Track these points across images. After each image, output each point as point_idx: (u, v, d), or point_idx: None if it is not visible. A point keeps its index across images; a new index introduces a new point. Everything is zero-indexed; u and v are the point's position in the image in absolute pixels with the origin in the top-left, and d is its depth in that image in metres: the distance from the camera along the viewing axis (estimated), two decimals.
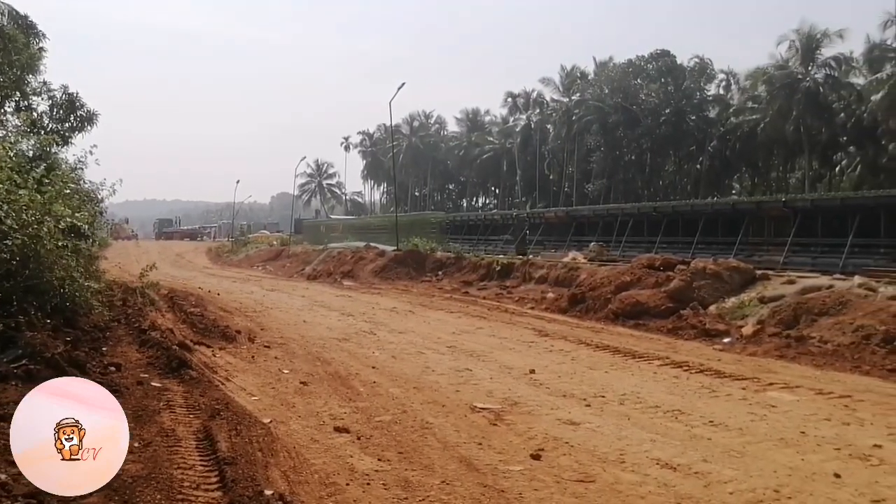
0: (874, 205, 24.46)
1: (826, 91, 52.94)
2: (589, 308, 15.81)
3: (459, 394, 7.89)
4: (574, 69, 74.92)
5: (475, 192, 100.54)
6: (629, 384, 8.58)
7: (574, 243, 35.79)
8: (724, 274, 14.79)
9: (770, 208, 30.40)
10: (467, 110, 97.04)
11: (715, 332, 12.52)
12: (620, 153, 68.45)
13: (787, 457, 5.72)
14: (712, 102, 68.32)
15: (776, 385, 8.55)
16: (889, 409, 7.35)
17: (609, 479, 5.16)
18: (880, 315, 10.86)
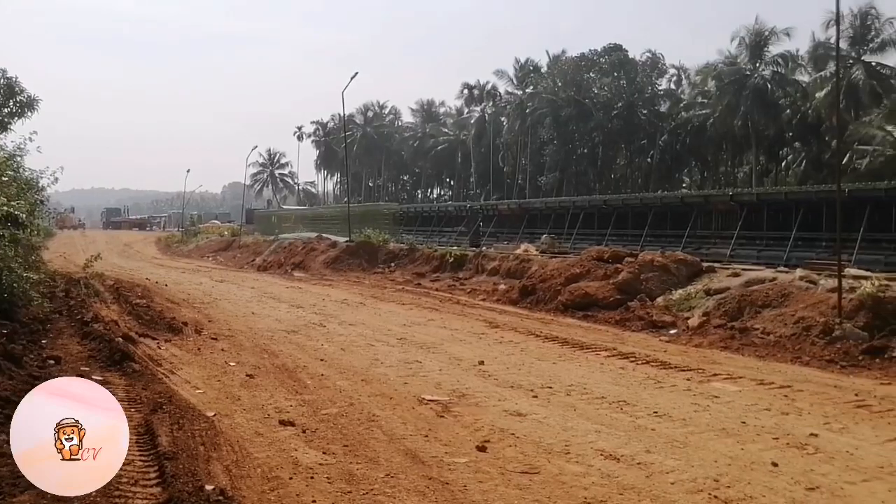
0: (816, 199, 25.12)
1: (773, 88, 54.08)
2: (539, 300, 15.91)
3: (408, 386, 7.87)
4: (528, 62, 75.32)
5: (429, 183, 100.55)
6: (576, 375, 8.66)
7: (526, 235, 36.05)
8: (672, 266, 15.02)
9: (717, 202, 31.00)
10: (422, 101, 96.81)
11: (661, 323, 12.71)
12: (573, 146, 69.03)
13: (728, 446, 5.83)
14: (663, 97, 69.37)
15: (720, 376, 8.70)
16: (826, 398, 7.54)
17: (553, 471, 5.19)
18: (820, 307, 11.14)
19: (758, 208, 28.73)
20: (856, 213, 22.91)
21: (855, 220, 22.59)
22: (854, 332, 10.21)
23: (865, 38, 48.68)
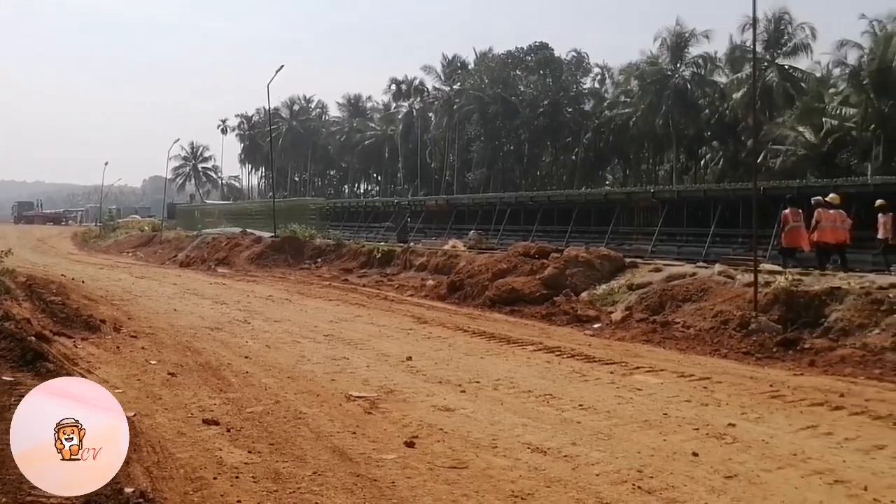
0: (733, 197, 25.97)
1: (693, 88, 55.74)
2: (467, 295, 15.99)
3: (335, 383, 7.79)
4: (455, 58, 75.56)
5: (357, 178, 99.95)
6: (503, 369, 8.73)
7: (454, 231, 36.20)
8: (596, 262, 15.29)
9: (640, 199, 31.76)
10: (349, 95, 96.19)
11: (586, 317, 12.92)
12: (500, 143, 69.63)
13: (651, 438, 5.96)
14: (588, 95, 70.62)
15: (642, 369, 8.90)
16: (743, 389, 7.79)
17: (481, 465, 5.21)
18: (737, 301, 11.52)
19: (678, 205, 29.55)
20: (770, 211, 23.75)
21: (770, 217, 23.40)
22: (769, 325, 10.59)
23: (779, 42, 50.59)
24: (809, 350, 9.75)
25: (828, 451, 5.61)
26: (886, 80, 40.38)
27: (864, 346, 9.41)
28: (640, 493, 4.74)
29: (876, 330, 9.68)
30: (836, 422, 6.52)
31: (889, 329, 9.51)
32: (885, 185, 24.23)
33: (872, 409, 6.89)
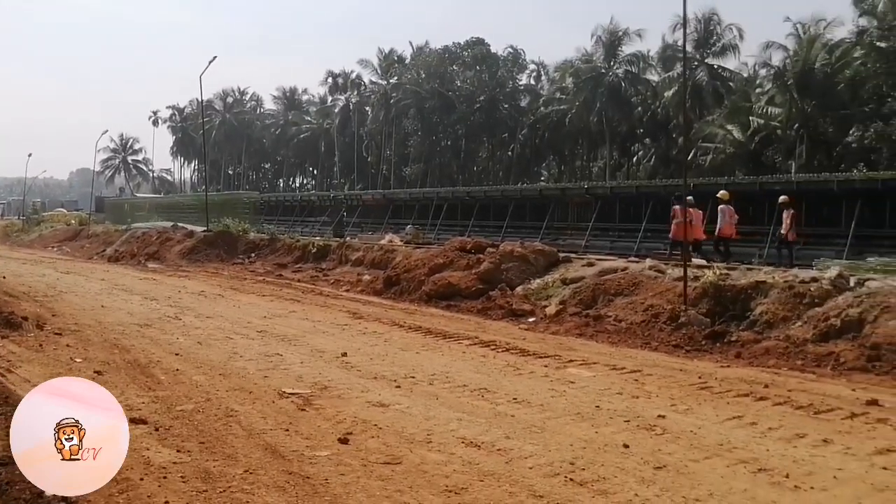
0: (664, 193, 26.51)
1: (626, 86, 56.71)
2: (404, 290, 15.97)
3: (268, 379, 7.68)
4: (392, 52, 75.23)
5: (292, 172, 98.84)
6: (439, 364, 8.74)
7: (391, 226, 36.12)
8: (531, 257, 15.44)
9: (574, 195, 32.22)
10: (284, 88, 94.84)
11: (521, 312, 13.04)
12: (437, 138, 69.72)
13: (583, 430, 6.04)
14: (524, 92, 71.17)
15: (575, 362, 9.02)
16: (672, 381, 7.97)
17: (416, 460, 5.20)
18: (667, 295, 11.78)
19: (611, 201, 30.05)
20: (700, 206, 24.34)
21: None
22: (698, 318, 10.86)
23: (709, 42, 51.83)
24: (736, 342, 10.04)
25: (752, 441, 5.78)
26: (809, 81, 41.80)
27: (788, 338, 9.73)
28: (572, 485, 4.80)
29: (798, 322, 10.01)
30: (760, 412, 6.72)
31: (810, 322, 9.85)
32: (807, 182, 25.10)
33: (794, 400, 7.13)
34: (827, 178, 25.73)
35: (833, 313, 9.72)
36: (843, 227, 21.42)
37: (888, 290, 9.70)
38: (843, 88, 41.79)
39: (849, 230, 20.97)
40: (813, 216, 23.00)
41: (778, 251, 18.81)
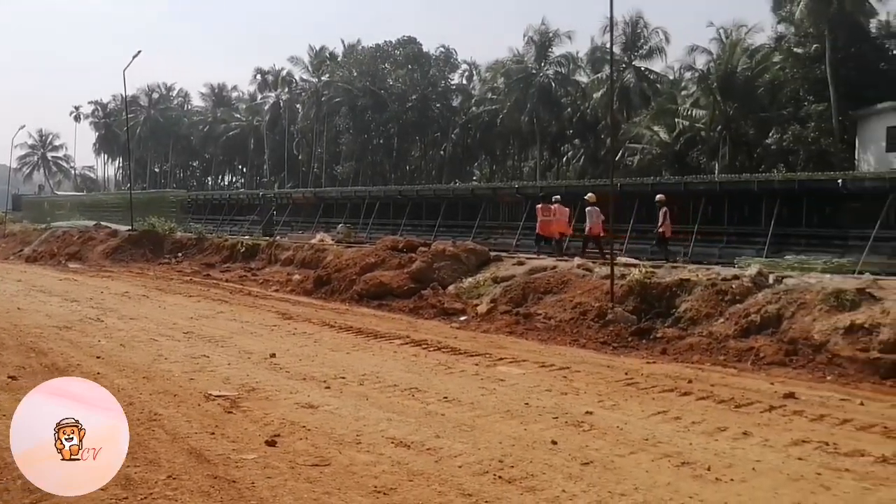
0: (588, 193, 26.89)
1: (556, 87, 57.47)
2: (334, 290, 15.83)
3: (194, 382, 7.50)
4: (323, 49, 74.53)
5: (221, 170, 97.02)
6: (370, 364, 8.68)
7: (322, 225, 35.81)
8: (462, 255, 15.50)
9: (505, 194, 32.49)
10: (213, 85, 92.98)
11: (453, 310, 13.08)
12: (369, 136, 69.41)
13: (512, 428, 6.08)
14: (456, 91, 71.44)
15: (506, 360, 9.08)
16: (600, 378, 8.10)
17: (344, 461, 5.15)
18: (595, 293, 11.97)
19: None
20: (627, 207, 24.87)
21: (626, 213, 24.53)
22: (624, 315, 11.07)
23: (636, 45, 52.93)
24: (661, 339, 10.27)
25: (676, 435, 5.91)
26: (731, 84, 43.10)
27: (711, 334, 10.00)
28: (501, 482, 4.82)
29: (721, 319, 10.30)
30: (684, 407, 6.88)
31: (732, 318, 10.15)
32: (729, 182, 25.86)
33: (717, 394, 7.33)
34: (748, 178, 26.57)
35: (753, 310, 10.03)
36: (764, 225, 22.14)
37: (804, 287, 10.06)
38: (763, 92, 43.26)
39: (768, 229, 21.68)
40: (735, 215, 23.73)
41: (658, 247, 20.13)
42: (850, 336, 8.78)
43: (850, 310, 9.14)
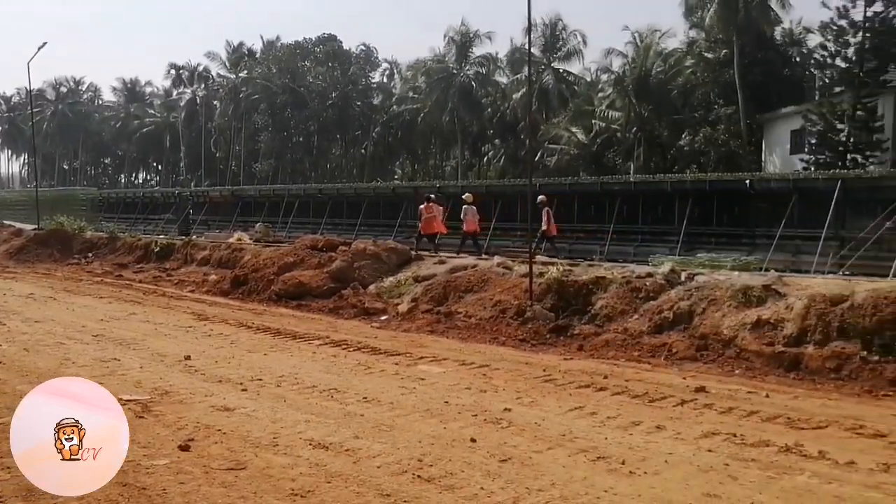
0: (513, 192, 27.30)
1: (477, 87, 57.88)
2: (252, 290, 15.53)
3: (104, 386, 7.21)
4: (241, 45, 73.11)
5: (134, 167, 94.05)
6: (288, 365, 8.56)
7: (240, 224, 35.16)
8: (383, 255, 15.44)
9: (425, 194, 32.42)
10: (125, 79, 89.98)
11: (373, 310, 13.01)
12: (288, 134, 68.52)
13: (432, 426, 6.09)
14: (377, 90, 71.17)
15: (426, 359, 9.09)
16: (519, 375, 8.19)
17: (261, 465, 5.06)
18: (514, 291, 12.10)
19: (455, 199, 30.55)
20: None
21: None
22: (543, 313, 11.22)
23: (555, 47, 53.76)
24: (578, 335, 10.45)
25: (592, 430, 6.03)
26: (646, 87, 44.28)
27: (626, 330, 10.23)
28: (420, 481, 4.83)
29: (635, 316, 10.55)
30: (600, 402, 7.03)
31: (646, 315, 10.41)
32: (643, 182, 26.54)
33: (631, 389, 7.50)
34: (661, 179, 27.29)
35: (666, 306, 10.32)
36: (676, 224, 22.77)
37: (714, 284, 10.39)
38: (676, 95, 44.57)
39: (681, 228, 22.32)
40: (649, 215, 24.35)
41: (540, 245, 20.81)
42: (756, 331, 9.12)
43: (757, 306, 9.49)
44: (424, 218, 19.73)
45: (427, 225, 19.69)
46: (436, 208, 20.02)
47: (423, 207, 19.91)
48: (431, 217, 19.70)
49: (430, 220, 19.68)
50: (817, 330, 8.68)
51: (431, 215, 19.73)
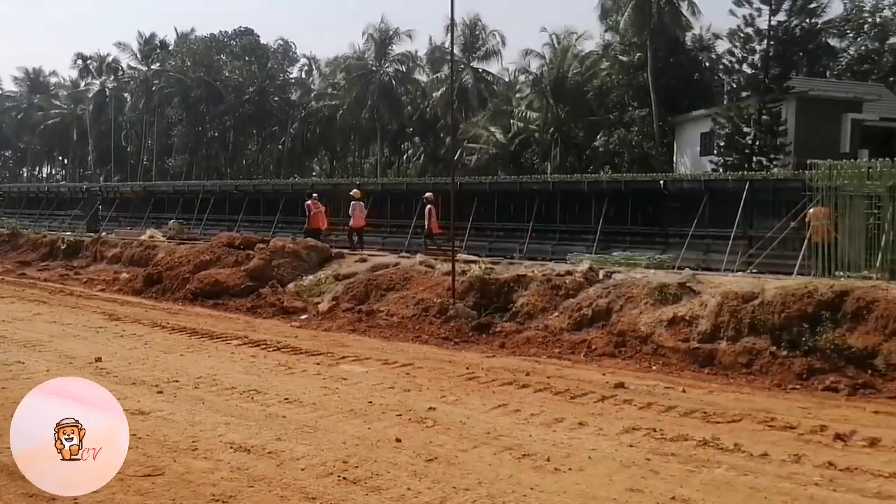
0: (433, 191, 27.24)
1: (397, 85, 57.69)
2: (166, 289, 15.08)
3: (5, 391, 6.88)
4: (153, 37, 70.78)
5: (39, 160, 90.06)
6: (205, 366, 8.33)
7: (152, 221, 34.08)
8: (303, 252, 15.21)
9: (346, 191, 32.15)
10: (28, 69, 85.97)
11: (293, 309, 12.80)
12: (203, 129, 66.84)
13: (356, 427, 6.02)
14: (295, 85, 70.17)
15: (348, 358, 9.00)
16: (442, 373, 8.19)
17: (179, 470, 4.89)
18: (437, 289, 12.10)
19: (383, 197, 30.35)
20: (466, 204, 25.33)
21: (466, 210, 24.98)
22: (465, 311, 11.26)
23: (474, 46, 54.06)
24: (500, 333, 10.53)
25: (517, 428, 6.07)
26: (562, 88, 44.98)
27: (546, 327, 10.37)
28: (345, 483, 4.76)
29: (556, 313, 10.70)
30: (523, 399, 7.09)
31: (566, 312, 10.56)
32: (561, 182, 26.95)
33: (553, 386, 7.60)
34: (578, 178, 27.72)
35: (585, 304, 10.50)
36: (593, 223, 23.15)
37: (631, 282, 10.64)
38: (592, 97, 45.44)
39: (597, 227, 22.73)
40: (566, 214, 24.70)
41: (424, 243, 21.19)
42: (672, 328, 9.38)
43: (673, 303, 9.76)
44: (313, 213, 20.47)
45: (315, 221, 20.42)
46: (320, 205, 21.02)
47: (310, 204, 20.75)
48: (318, 213, 20.54)
49: (316, 215, 20.48)
50: (730, 326, 8.99)
51: (318, 211, 20.56)
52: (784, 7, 33.40)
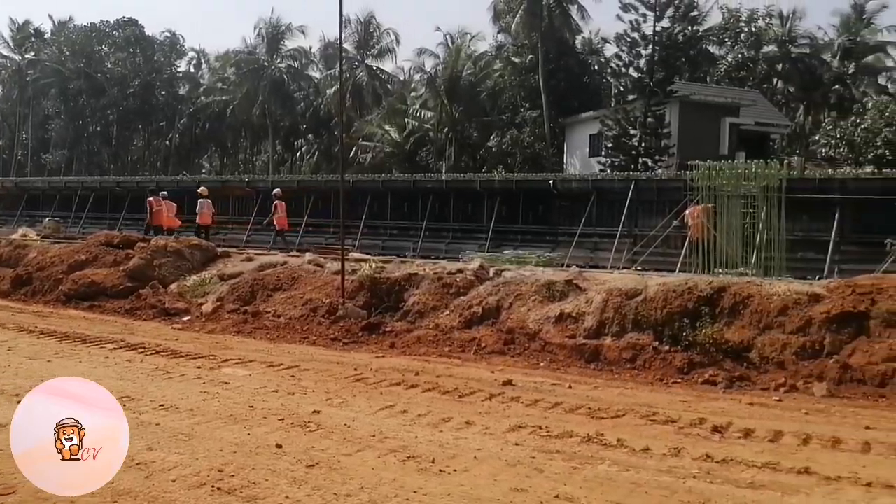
0: (326, 188, 26.90)
1: (289, 81, 56.73)
2: (37, 290, 14.22)
3: None
4: (27, 24, 66.95)
5: None
6: (75, 373, 7.79)
7: (26, 218, 32.33)
8: (186, 252, 14.61)
9: (235, 187, 31.41)
10: None
11: (175, 310, 12.28)
12: (84, 123, 63.80)
13: (235, 433, 5.75)
14: (183, 79, 67.93)
15: (231, 361, 8.66)
16: (329, 375, 7.98)
17: (32, 488, 4.50)
18: (326, 289, 11.84)
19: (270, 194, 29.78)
20: (359, 202, 25.12)
21: (359, 209, 24.76)
22: (355, 310, 11.06)
23: (369, 44, 53.75)
24: (391, 333, 10.39)
25: (403, 429, 5.94)
26: (456, 88, 45.29)
27: (437, 326, 10.30)
28: (220, 494, 4.51)
29: (447, 311, 10.65)
30: (411, 399, 6.97)
31: (457, 310, 10.53)
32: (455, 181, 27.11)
33: (442, 385, 7.52)
34: (471, 178, 27.99)
35: (476, 302, 10.50)
36: (485, 222, 23.39)
37: (520, 280, 10.71)
38: (485, 97, 46.00)
39: (489, 225, 22.97)
40: (459, 212, 24.85)
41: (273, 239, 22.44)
42: (559, 324, 9.49)
43: (560, 300, 9.88)
44: (154, 210, 20.64)
45: (157, 217, 20.67)
46: (168, 204, 21.11)
47: (153, 200, 20.84)
48: (159, 210, 20.68)
49: (158, 212, 20.66)
50: (615, 322, 9.16)
51: (160, 208, 20.70)
52: (668, 14, 34.77)
